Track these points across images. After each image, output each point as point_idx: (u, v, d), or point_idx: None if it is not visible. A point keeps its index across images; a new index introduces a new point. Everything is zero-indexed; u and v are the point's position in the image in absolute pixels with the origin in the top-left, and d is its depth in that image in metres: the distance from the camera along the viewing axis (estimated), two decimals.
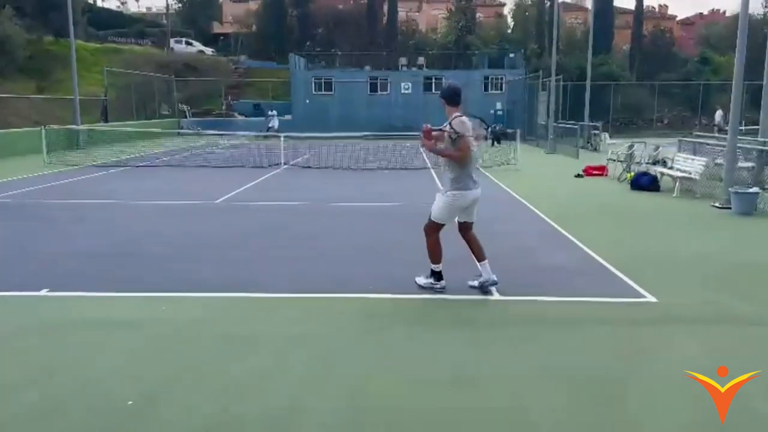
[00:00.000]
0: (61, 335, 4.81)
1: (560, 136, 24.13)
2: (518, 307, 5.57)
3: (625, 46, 50.17)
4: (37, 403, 3.70)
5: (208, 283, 6.18)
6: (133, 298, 5.75)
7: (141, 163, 18.72)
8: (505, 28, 54.77)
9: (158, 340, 4.72)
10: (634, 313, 5.44)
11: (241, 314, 5.37)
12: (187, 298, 5.73)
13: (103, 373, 4.13)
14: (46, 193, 12.35)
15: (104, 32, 45.68)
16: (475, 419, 3.55)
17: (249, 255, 7.47)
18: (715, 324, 5.24)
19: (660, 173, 13.54)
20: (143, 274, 6.59)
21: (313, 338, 4.75)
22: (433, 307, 5.57)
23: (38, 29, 32.27)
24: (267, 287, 6.01)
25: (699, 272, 6.77)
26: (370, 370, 4.18)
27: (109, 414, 3.57)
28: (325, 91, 36.01)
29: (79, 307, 5.51)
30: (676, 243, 8.33)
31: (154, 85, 34.71)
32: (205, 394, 3.83)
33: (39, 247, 7.84)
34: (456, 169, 5.57)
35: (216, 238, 8.52)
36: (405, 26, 51.57)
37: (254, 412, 3.60)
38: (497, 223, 9.50)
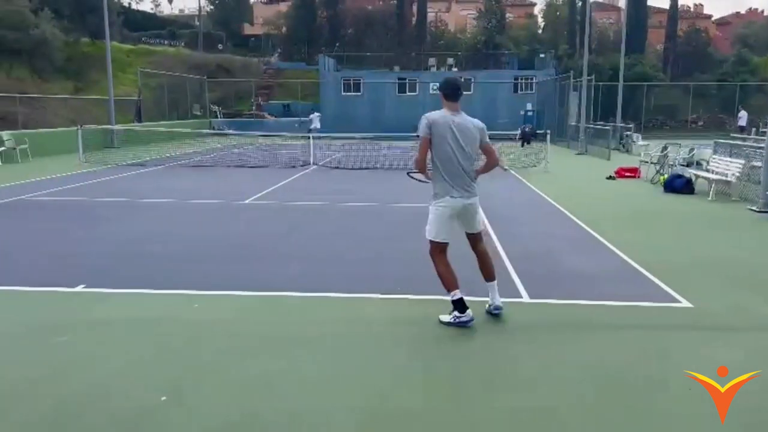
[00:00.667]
0: (97, 330, 4.91)
1: (591, 137, 23.81)
2: (549, 311, 5.49)
3: (659, 45, 49.27)
4: (71, 396, 3.78)
5: (239, 281, 6.24)
6: (166, 295, 5.84)
7: (173, 162, 19.02)
8: (535, 28, 54.27)
9: (189, 337, 4.78)
10: (669, 318, 5.34)
11: (271, 314, 5.41)
12: (219, 297, 5.79)
13: (136, 368, 4.21)
14: (81, 191, 12.63)
15: (138, 34, 46.58)
16: (506, 421, 3.52)
17: (278, 254, 7.53)
18: (751, 330, 5.11)
19: (695, 175, 13.26)
20: (176, 271, 6.69)
21: (341, 339, 4.76)
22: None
23: (75, 31, 33.06)
24: (297, 287, 6.04)
25: (735, 277, 6.60)
26: (398, 373, 4.17)
27: (141, 408, 3.63)
28: (354, 92, 36.15)
29: (114, 303, 5.62)
30: (712, 247, 8.15)
31: (187, 85, 35.26)
32: (231, 392, 3.87)
33: (74, 243, 8.03)
34: (433, 176, 4.99)
35: (245, 237, 8.61)
36: (434, 27, 51.45)
37: (276, 411, 3.63)
38: (528, 224, 9.43)
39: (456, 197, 4.88)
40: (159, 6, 74.89)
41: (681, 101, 38.55)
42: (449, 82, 4.94)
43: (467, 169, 4.91)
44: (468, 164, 4.91)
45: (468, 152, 4.89)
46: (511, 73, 36.77)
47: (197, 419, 3.53)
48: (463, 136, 4.85)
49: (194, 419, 3.53)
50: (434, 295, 5.45)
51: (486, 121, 17.12)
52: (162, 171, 16.90)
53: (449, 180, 4.87)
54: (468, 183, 4.94)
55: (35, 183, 13.70)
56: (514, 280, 6.33)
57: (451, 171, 4.86)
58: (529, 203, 11.69)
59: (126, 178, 15.15)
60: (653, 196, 12.82)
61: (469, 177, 4.94)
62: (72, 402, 3.71)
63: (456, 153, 4.83)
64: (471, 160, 4.93)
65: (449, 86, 4.90)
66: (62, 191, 12.61)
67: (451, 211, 4.93)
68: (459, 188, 4.89)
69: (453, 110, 4.88)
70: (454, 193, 4.88)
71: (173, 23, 58.68)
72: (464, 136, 4.86)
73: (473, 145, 4.92)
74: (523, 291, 5.96)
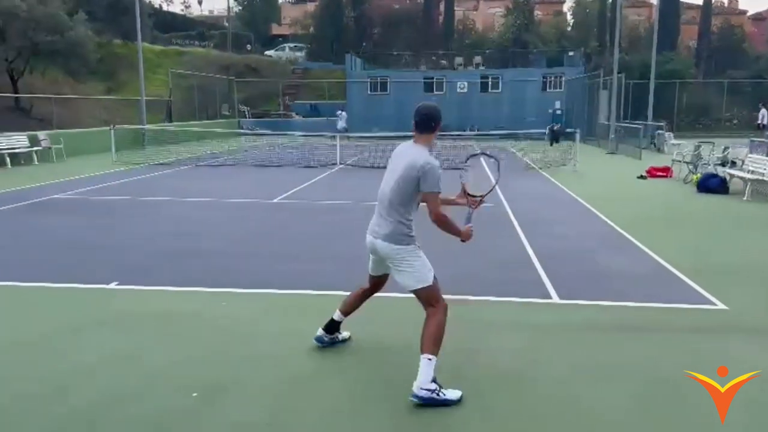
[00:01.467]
0: (128, 326, 4.99)
1: (622, 136, 23.44)
2: (580, 312, 5.42)
3: (692, 42, 48.24)
4: (104, 391, 3.86)
5: (269, 280, 6.29)
6: (195, 292, 5.91)
7: (203, 162, 19.27)
8: (564, 25, 53.62)
9: (219, 334, 4.83)
10: (704, 321, 5.22)
11: (300, 312, 5.44)
12: (247, 294, 5.85)
13: (168, 364, 4.27)
14: (114, 190, 12.87)
15: (168, 35, 47.30)
16: (533, 418, 3.48)
17: (305, 252, 7.57)
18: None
19: (729, 175, 12.96)
20: (205, 269, 6.77)
21: (373, 337, 4.76)
22: (493, 310, 5.49)
23: (108, 33, 33.71)
24: (326, 285, 6.06)
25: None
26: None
27: (175, 404, 3.68)
28: (381, 91, 36.16)
29: (146, 299, 5.71)
30: (748, 248, 7.94)
31: (216, 86, 35.68)
32: (261, 392, 3.90)
33: (107, 241, 8.18)
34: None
35: (274, 236, 8.68)
36: (461, 25, 51.19)
37: (311, 411, 3.64)
38: (558, 224, 9.32)
39: (368, 233, 4.11)
40: (189, 7, 76.04)
41: (715, 99, 37.70)
42: (417, 109, 4.05)
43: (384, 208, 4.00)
44: (387, 201, 3.98)
45: (388, 185, 4.00)
46: (539, 72, 36.38)
47: (229, 417, 3.56)
48: (390, 167, 4.08)
49: (225, 417, 3.57)
50: (463, 295, 5.39)
51: (514, 119, 17.09)
52: (191, 170, 17.12)
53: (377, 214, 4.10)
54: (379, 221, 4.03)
55: (70, 182, 14.01)
56: (544, 280, 6.26)
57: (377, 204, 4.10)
58: (558, 203, 11.55)
59: (157, 177, 15.39)
60: (686, 196, 12.56)
61: (388, 214, 3.97)
62: (107, 398, 3.78)
63: (382, 186, 4.08)
64: (390, 197, 3.96)
65: (416, 114, 4.02)
66: (96, 190, 12.87)
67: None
68: (373, 223, 4.10)
69: (416, 141, 4.04)
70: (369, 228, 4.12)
71: (202, 24, 59.47)
72: (391, 167, 4.07)
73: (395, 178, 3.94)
74: (552, 291, 5.89)
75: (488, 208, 10.76)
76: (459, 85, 35.58)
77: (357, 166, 17.89)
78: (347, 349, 4.54)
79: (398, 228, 3.94)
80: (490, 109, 33.88)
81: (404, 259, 3.94)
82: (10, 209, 10.44)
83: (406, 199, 3.92)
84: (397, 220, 3.94)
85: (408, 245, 3.95)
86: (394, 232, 3.94)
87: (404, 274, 3.97)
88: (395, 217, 3.95)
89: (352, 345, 4.61)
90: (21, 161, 17.81)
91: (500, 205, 11.02)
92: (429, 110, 4.05)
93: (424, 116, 4.01)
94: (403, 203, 3.93)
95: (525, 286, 6.09)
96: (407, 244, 3.95)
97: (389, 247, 3.96)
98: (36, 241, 8.21)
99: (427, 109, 4.06)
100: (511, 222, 9.37)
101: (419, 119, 4.01)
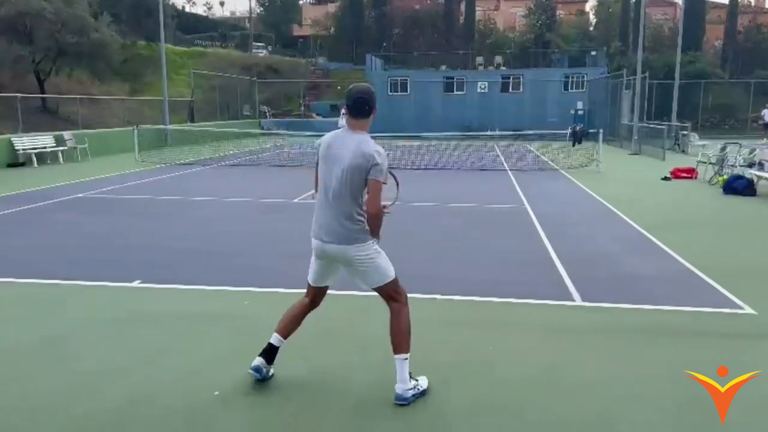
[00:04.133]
0: (151, 325, 5.04)
1: (645, 136, 23.12)
2: (604, 315, 5.34)
3: (717, 42, 47.44)
4: (130, 391, 3.89)
5: (292, 279, 6.30)
6: (218, 291, 5.94)
7: (225, 161, 19.42)
8: (586, 25, 53.10)
9: (240, 334, 4.85)
10: (732, 325, 5.11)
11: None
12: (271, 294, 5.86)
13: (190, 363, 4.29)
14: (137, 189, 13.02)
15: (191, 36, 47.80)
16: (560, 423, 3.44)
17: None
18: None
19: (756, 177, 12.70)
20: (227, 268, 6.82)
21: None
22: (513, 312, 5.43)
23: (132, 34, 34.17)
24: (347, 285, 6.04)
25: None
26: (450, 371, 4.13)
27: (195, 403, 3.70)
28: (401, 92, 36.13)
29: (169, 298, 5.76)
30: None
31: (237, 86, 35.96)
32: (280, 390, 3.90)
33: (130, 240, 8.27)
34: None
35: (295, 235, 8.70)
36: (482, 25, 50.95)
37: (338, 407, 3.64)
38: (580, 226, 9.22)
39: (314, 237, 3.76)
40: (211, 8, 76.76)
41: (741, 100, 36.99)
42: (349, 92, 3.67)
43: (333, 207, 3.62)
44: (337, 199, 3.60)
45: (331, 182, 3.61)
46: (561, 72, 36.06)
47: (250, 416, 3.57)
48: (329, 161, 3.66)
49: (247, 416, 3.58)
50: (483, 297, 5.34)
51: (535, 119, 16.97)
52: (213, 170, 17.26)
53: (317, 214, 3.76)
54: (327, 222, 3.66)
55: (95, 181, 14.20)
56: (566, 282, 6.19)
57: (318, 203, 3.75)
58: (581, 204, 11.42)
59: (180, 176, 15.54)
60: (712, 197, 12.34)
61: (337, 214, 3.61)
62: (136, 394, 3.82)
63: (324, 184, 3.68)
64: (338, 193, 3.58)
65: (348, 97, 3.64)
66: (120, 189, 13.03)
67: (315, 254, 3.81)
68: (321, 225, 3.71)
69: (353, 128, 3.66)
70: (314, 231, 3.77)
71: (224, 25, 59.98)
72: (329, 160, 3.65)
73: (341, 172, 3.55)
74: (575, 293, 5.82)
75: (509, 208, 10.71)
76: (480, 86, 35.40)
77: None
78: (380, 344, 4.52)
79: (352, 225, 3.58)
80: (511, 110, 33.65)
81: (366, 258, 3.62)
82: (36, 207, 10.62)
83: (357, 191, 3.56)
84: (350, 216, 3.58)
85: (365, 242, 3.61)
86: (349, 232, 3.58)
87: (366, 273, 3.66)
88: (347, 213, 3.58)
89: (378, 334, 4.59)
90: (47, 161, 18.12)
91: (521, 205, 10.94)
92: (363, 92, 3.65)
93: (359, 99, 3.62)
94: (354, 196, 3.57)
95: (546, 287, 6.02)
96: (364, 242, 3.61)
97: (346, 250, 3.60)
98: (60, 239, 8.33)
99: (360, 91, 3.65)
100: (533, 223, 9.28)
101: (353, 103, 3.61)
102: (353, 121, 3.65)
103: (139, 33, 34.79)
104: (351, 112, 3.63)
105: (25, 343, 4.64)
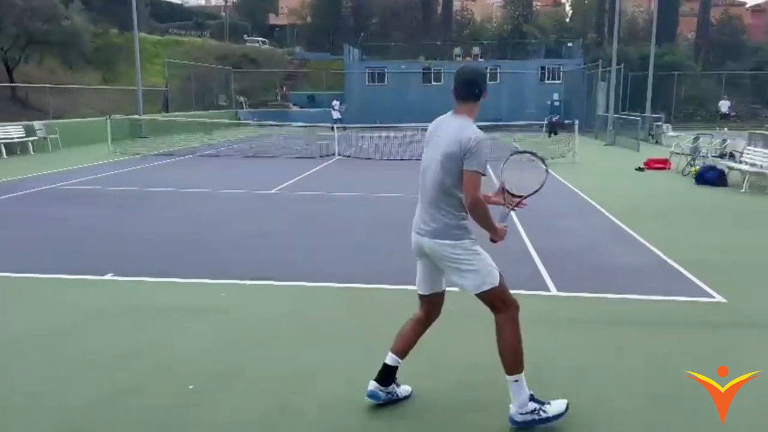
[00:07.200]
0: (123, 318, 4.96)
1: (620, 127, 23.39)
2: (579, 304, 5.40)
3: (691, 34, 48.10)
4: (101, 387, 3.83)
5: (270, 270, 6.26)
6: (192, 284, 5.87)
7: (200, 152, 19.19)
8: (563, 16, 53.42)
9: (218, 326, 4.80)
10: (703, 314, 5.20)
11: (294, 303, 5.41)
12: (249, 286, 5.81)
13: (163, 357, 4.24)
14: (110, 181, 12.79)
15: (165, 25, 46.97)
16: None
17: (304, 244, 7.54)
18: None
19: (728, 167, 12.93)
20: (202, 261, 6.74)
21: (379, 329, 4.73)
22: None
23: (104, 22, 33.48)
24: (326, 277, 6.03)
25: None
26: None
27: (169, 398, 3.66)
28: (379, 82, 36.02)
29: (141, 291, 5.67)
30: (746, 241, 7.94)
31: (213, 76, 35.50)
32: (265, 384, 3.87)
33: (102, 232, 8.12)
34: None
35: (273, 226, 8.63)
36: (460, 16, 50.96)
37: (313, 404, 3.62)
38: (555, 216, 9.29)
39: (413, 230, 3.48)
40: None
41: (713, 91, 37.58)
42: (457, 72, 3.48)
43: (428, 196, 3.37)
44: (433, 186, 3.34)
45: (430, 169, 3.37)
46: (537, 63, 36.26)
47: (226, 410, 3.54)
48: (429, 147, 3.46)
49: (223, 410, 3.54)
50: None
51: (512, 111, 17.02)
52: (188, 160, 17.05)
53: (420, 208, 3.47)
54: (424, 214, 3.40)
55: (66, 172, 13.92)
56: (542, 272, 6.24)
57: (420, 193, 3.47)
58: (556, 195, 11.50)
59: (154, 167, 15.31)
60: (685, 188, 12.54)
61: (432, 204, 3.34)
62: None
63: (423, 170, 3.44)
64: (435, 182, 3.32)
65: (455, 78, 3.44)
66: (92, 180, 12.79)
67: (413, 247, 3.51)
68: (418, 219, 3.46)
69: (456, 112, 3.43)
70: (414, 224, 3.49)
71: (199, 14, 59.06)
72: (429, 146, 3.45)
73: (438, 158, 3.30)
74: (551, 284, 5.87)
75: None
76: None
77: (355, 157, 17.82)
78: (349, 338, 4.50)
79: (449, 219, 3.29)
80: (488, 100, 33.16)
81: (461, 258, 3.27)
82: (4, 199, 10.38)
83: (452, 182, 3.26)
84: (447, 209, 3.29)
85: (463, 239, 3.29)
86: (444, 226, 3.29)
87: (462, 275, 3.30)
88: (443, 206, 3.30)
89: (358, 331, 4.57)
90: (17, 151, 17.70)
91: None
92: (472, 73, 3.44)
93: (465, 81, 3.39)
94: (448, 188, 3.28)
95: (523, 278, 6.07)
96: (462, 239, 3.29)
97: (440, 245, 3.30)
98: (28, 231, 8.15)
99: (468, 72, 3.46)
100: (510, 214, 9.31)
101: (459, 84, 3.38)
102: (457, 103, 3.42)
103: (112, 21, 34.10)
104: (456, 94, 3.41)
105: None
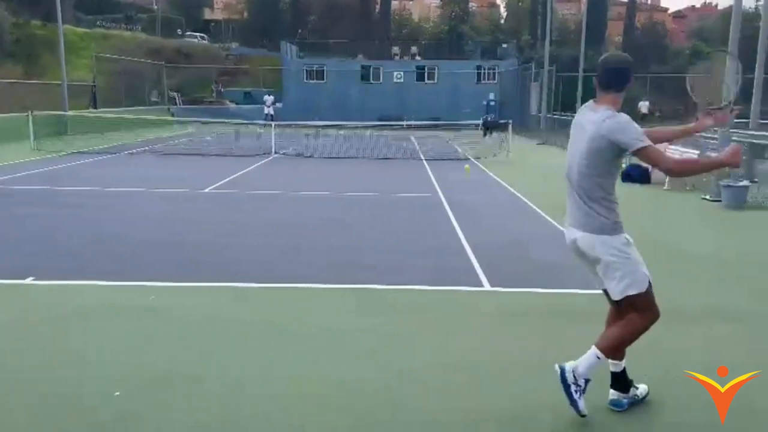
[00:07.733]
0: (46, 324, 4.71)
1: (552, 127, 24.12)
2: (512, 299, 5.52)
3: (618, 37, 50.20)
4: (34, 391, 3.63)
5: (202, 272, 6.10)
6: (119, 286, 5.64)
7: (129, 150, 18.53)
8: (498, 18, 54.63)
9: (146, 329, 4.63)
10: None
11: (228, 303, 5.30)
12: (180, 288, 5.64)
13: (88, 362, 4.06)
14: (33, 180, 12.16)
15: (93, 17, 45.00)
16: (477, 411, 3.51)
17: (232, 243, 7.39)
18: (714, 320, 5.23)
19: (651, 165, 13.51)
20: (130, 262, 6.49)
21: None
22: (425, 299, 5.51)
23: (25, 13, 31.77)
24: (268, 278, 5.93)
25: (693, 265, 6.78)
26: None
27: (94, 405, 3.50)
28: (317, 80, 35.79)
29: (64, 295, 5.41)
30: (668, 235, 8.32)
31: (144, 71, 34.31)
32: (205, 391, 3.76)
33: (23, 234, 7.71)
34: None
35: (206, 226, 8.42)
36: (398, 15, 51.29)
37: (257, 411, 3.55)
38: (490, 214, 9.49)
39: (566, 227, 3.41)
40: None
41: (638, 92, 39.29)
42: (602, 60, 3.35)
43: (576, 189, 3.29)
44: (580, 180, 3.25)
45: (575, 163, 3.28)
46: (473, 63, 36.92)
47: (171, 418, 3.42)
48: (573, 140, 3.35)
49: (167, 418, 3.42)
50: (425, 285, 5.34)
51: (449, 111, 17.25)
52: (117, 159, 16.43)
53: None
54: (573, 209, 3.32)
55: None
56: (476, 267, 6.35)
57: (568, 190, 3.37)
58: (490, 192, 11.77)
59: (80, 165, 14.67)
60: None
61: (581, 199, 3.26)
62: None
63: (569, 165, 3.35)
64: (581, 175, 3.23)
65: (599, 67, 3.31)
66: (11, 180, 12.11)
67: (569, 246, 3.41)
68: (568, 215, 3.38)
69: (598, 102, 3.31)
70: (565, 222, 3.43)
71: (130, 7, 56.90)
72: (573, 139, 3.35)
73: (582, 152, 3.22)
74: (484, 279, 5.98)
75: (423, 197, 10.86)
76: (396, 75, 35.65)
77: (292, 155, 17.64)
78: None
79: (598, 212, 3.17)
80: (426, 100, 34.11)
81: (609, 255, 3.14)
82: None
83: (602, 173, 3.16)
84: (594, 203, 3.19)
85: (613, 234, 3.16)
86: (591, 219, 3.18)
87: (607, 275, 3.18)
88: (587, 198, 3.20)
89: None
90: None
91: (435, 194, 11.13)
92: (619, 61, 3.31)
93: (609, 70, 3.25)
94: (593, 181, 3.18)
95: (457, 274, 6.16)
96: (612, 233, 3.16)
97: (591, 239, 3.18)
98: None
99: (615, 60, 3.34)
100: (446, 211, 9.46)
101: (604, 72, 3.25)
102: (600, 94, 3.29)
103: (34, 12, 32.40)
104: (599, 83, 3.28)
105: None
